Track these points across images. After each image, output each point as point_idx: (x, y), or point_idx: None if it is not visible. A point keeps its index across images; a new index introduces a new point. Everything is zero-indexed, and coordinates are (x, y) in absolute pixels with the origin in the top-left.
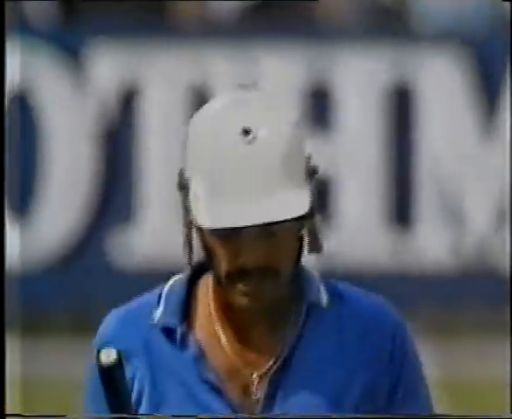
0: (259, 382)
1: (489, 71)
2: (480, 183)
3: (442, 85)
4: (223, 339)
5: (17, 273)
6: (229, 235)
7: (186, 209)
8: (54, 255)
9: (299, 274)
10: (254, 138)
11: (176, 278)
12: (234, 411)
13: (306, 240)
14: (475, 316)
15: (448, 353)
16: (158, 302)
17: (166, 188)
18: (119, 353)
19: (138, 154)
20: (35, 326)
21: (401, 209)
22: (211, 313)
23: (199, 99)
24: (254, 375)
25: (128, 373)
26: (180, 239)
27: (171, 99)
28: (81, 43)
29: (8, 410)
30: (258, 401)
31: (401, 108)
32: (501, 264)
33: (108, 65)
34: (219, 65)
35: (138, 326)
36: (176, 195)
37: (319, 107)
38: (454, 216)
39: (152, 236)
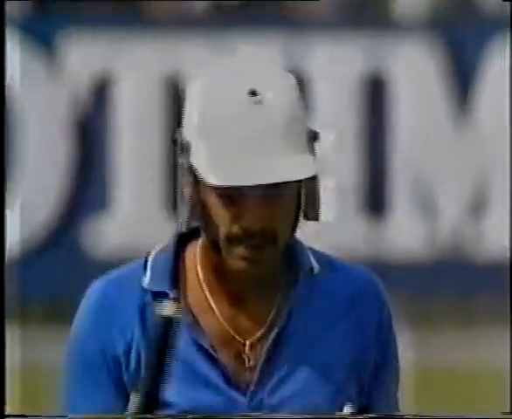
0: (251, 350)
1: (463, 59)
2: (455, 172)
3: (416, 73)
4: (213, 306)
5: None
6: (233, 195)
7: (187, 171)
8: (27, 244)
9: (290, 242)
10: (262, 99)
11: (161, 245)
12: (227, 378)
13: (303, 207)
14: (449, 305)
15: (422, 341)
16: (144, 269)
17: (140, 178)
18: (180, 307)
19: (111, 143)
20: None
21: (375, 199)
22: (199, 280)
23: (173, 89)
24: (247, 342)
25: (125, 339)
26: (152, 228)
27: (145, 89)
28: (55, 33)
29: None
30: (251, 368)
31: (375, 97)
32: (475, 253)
33: (82, 55)
34: (193, 56)
35: (129, 292)
36: (152, 181)
37: None
38: (428, 204)
39: (125, 225)
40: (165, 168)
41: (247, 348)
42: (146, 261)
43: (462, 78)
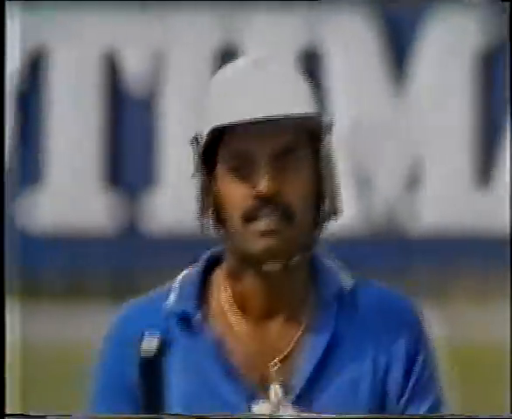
0: (277, 367)
1: (400, 32)
2: (390, 146)
3: (353, 46)
4: (239, 327)
5: None
6: (243, 161)
7: (200, 162)
8: None
9: (318, 262)
10: (266, 65)
11: (188, 270)
12: (250, 400)
13: (324, 202)
14: (383, 278)
15: None
16: (169, 291)
17: (74, 151)
18: (161, 341)
19: (47, 117)
20: None
21: None
22: (225, 303)
23: (108, 61)
24: (272, 363)
25: None
26: (87, 203)
27: (81, 63)
28: None
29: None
30: (275, 388)
31: (311, 69)
32: (411, 228)
33: (18, 29)
34: (128, 27)
35: (154, 316)
36: (88, 155)
37: None
38: (364, 178)
39: (60, 199)
40: (101, 142)
41: (273, 366)
42: (172, 285)
43: (400, 51)
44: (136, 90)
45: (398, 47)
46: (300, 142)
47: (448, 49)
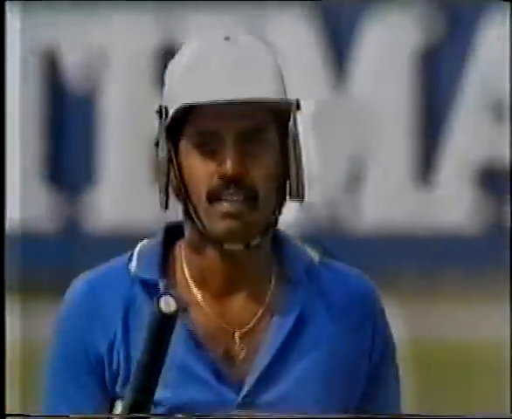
0: (241, 342)
1: (340, 31)
2: (331, 145)
3: (292, 45)
4: (202, 301)
5: None
6: (209, 139)
7: (165, 136)
8: None
9: (282, 238)
10: (236, 40)
11: (147, 241)
12: (216, 373)
13: (288, 184)
14: None
15: None
16: (131, 260)
17: (15, 149)
18: (178, 301)
19: None
20: None
21: None
22: (185, 277)
23: (48, 59)
24: (236, 334)
25: (108, 338)
26: (25, 200)
27: (20, 58)
28: None
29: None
30: (241, 361)
31: None
32: (352, 226)
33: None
34: (69, 25)
35: (113, 289)
36: (28, 155)
37: None
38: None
39: None
40: (42, 140)
41: (237, 340)
42: (132, 254)
43: (339, 50)
44: (77, 88)
45: (338, 46)
46: (267, 123)
47: (387, 47)
